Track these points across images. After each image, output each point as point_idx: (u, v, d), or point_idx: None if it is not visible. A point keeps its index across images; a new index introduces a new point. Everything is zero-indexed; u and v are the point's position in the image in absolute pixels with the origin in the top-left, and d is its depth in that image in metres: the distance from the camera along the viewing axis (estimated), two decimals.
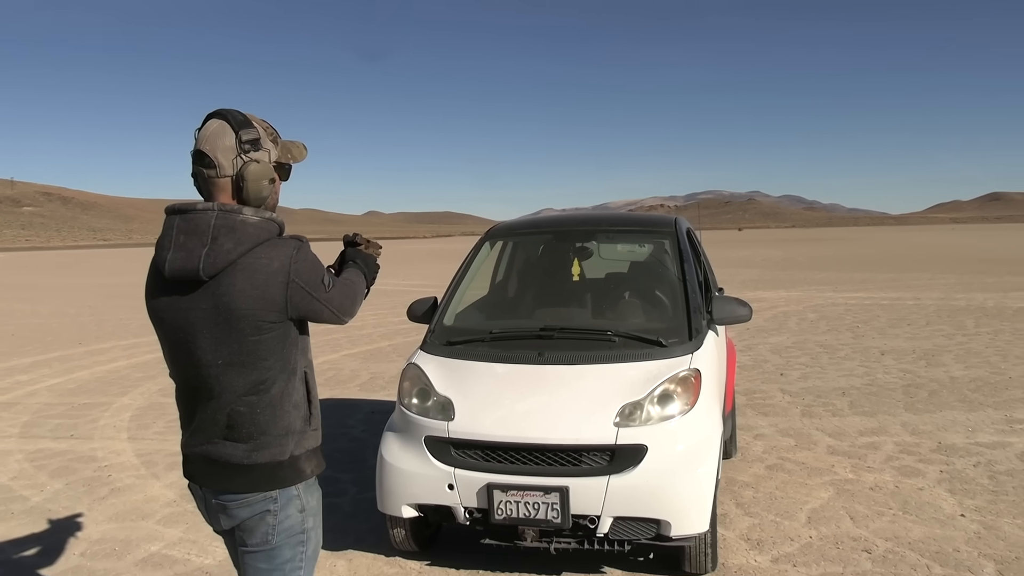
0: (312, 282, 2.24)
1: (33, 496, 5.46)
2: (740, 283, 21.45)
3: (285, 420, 2.27)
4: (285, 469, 2.28)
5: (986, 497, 4.92)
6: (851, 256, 38.18)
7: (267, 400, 2.24)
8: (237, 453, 2.25)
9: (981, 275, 22.46)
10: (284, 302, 2.19)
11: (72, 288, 28.72)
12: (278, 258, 2.18)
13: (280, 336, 2.23)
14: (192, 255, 2.14)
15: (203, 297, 2.17)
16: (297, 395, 2.31)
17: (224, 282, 2.14)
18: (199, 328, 2.19)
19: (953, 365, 9.16)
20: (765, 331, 12.33)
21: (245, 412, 2.23)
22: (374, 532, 4.59)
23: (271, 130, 2.32)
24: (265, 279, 2.16)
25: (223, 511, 2.32)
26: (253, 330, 2.17)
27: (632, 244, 5.68)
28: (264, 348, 2.20)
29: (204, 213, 2.18)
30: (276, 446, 2.26)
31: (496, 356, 4.13)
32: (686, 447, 3.72)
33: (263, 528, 2.30)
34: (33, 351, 12.44)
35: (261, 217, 2.22)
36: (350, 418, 7.41)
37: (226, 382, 2.22)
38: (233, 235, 2.15)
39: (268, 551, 2.32)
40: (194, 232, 2.16)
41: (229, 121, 2.22)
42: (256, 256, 2.16)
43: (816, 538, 4.39)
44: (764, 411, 7.23)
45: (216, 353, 2.20)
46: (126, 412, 7.95)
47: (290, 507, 2.31)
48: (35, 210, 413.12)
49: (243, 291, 2.14)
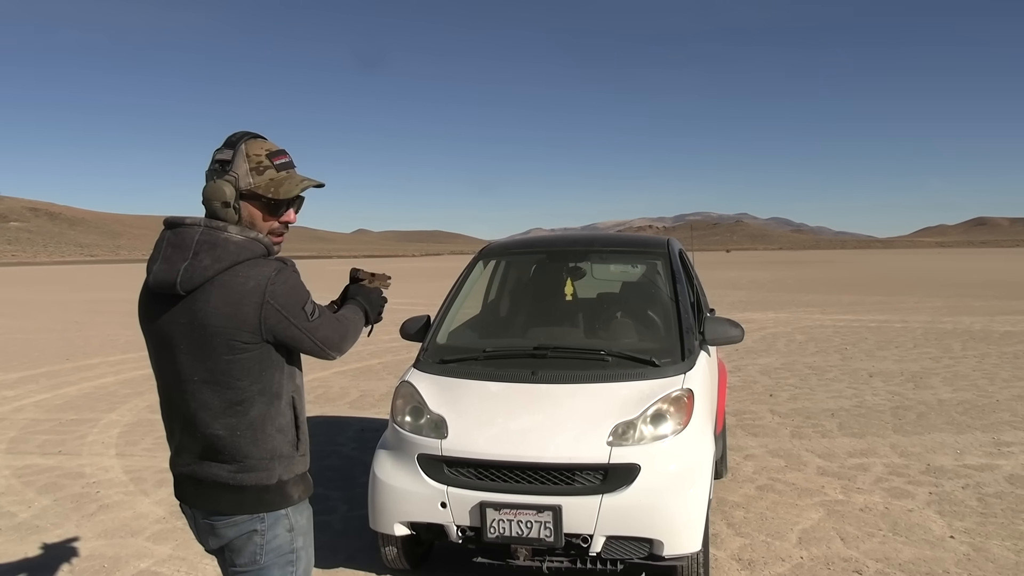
0: (290, 306, 2.19)
1: (21, 512, 5.42)
2: (729, 304, 21.53)
3: (269, 444, 2.25)
4: (272, 493, 2.27)
5: (975, 519, 4.95)
6: (838, 279, 38.39)
7: (246, 423, 2.21)
8: (223, 474, 2.24)
9: (967, 299, 22.63)
10: (258, 323, 2.15)
11: (59, 304, 28.54)
12: (255, 278, 2.15)
13: (257, 358, 2.19)
14: (173, 268, 2.15)
15: (182, 312, 2.17)
16: (283, 420, 2.28)
17: (200, 298, 2.14)
18: (178, 343, 2.19)
19: (941, 388, 9.22)
20: (754, 352, 12.38)
21: (224, 436, 2.21)
22: (365, 550, 4.57)
23: (267, 160, 2.26)
24: (239, 298, 2.13)
25: (211, 531, 2.32)
26: (226, 349, 2.15)
27: (625, 264, 5.71)
28: (238, 369, 2.18)
29: (191, 228, 2.19)
30: (263, 470, 2.25)
31: (490, 375, 4.14)
32: (679, 467, 3.74)
33: (251, 548, 2.28)
34: (20, 366, 12.35)
35: (246, 236, 2.20)
36: (340, 436, 7.39)
37: (202, 400, 2.20)
38: (213, 251, 2.14)
39: (256, 571, 2.30)
40: (179, 246, 2.17)
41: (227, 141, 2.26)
42: (234, 274, 2.14)
43: (807, 559, 4.41)
44: (754, 432, 7.26)
45: (193, 369, 2.19)
46: (114, 428, 7.90)
47: (278, 527, 2.30)
48: (22, 225, 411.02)
49: (217, 308, 2.12)
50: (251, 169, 2.23)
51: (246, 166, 2.22)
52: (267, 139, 2.32)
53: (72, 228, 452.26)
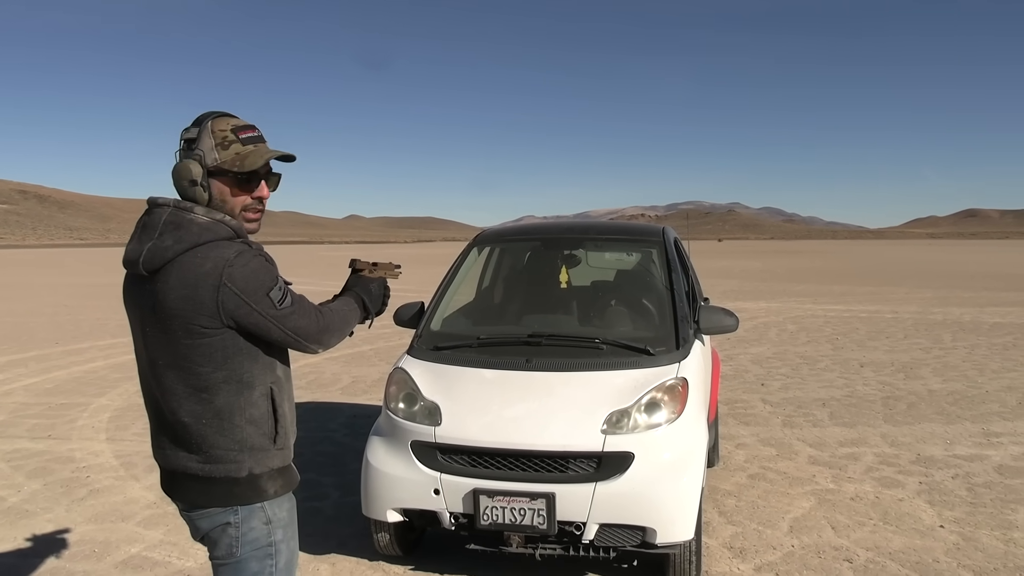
0: (250, 291, 2.10)
1: (10, 496, 5.39)
2: (720, 293, 21.57)
3: (238, 435, 2.18)
4: (242, 487, 2.21)
5: (965, 509, 4.98)
6: (830, 269, 38.52)
7: (212, 411, 2.15)
8: (192, 464, 2.20)
9: (957, 290, 22.75)
10: (216, 307, 2.07)
11: (48, 287, 28.39)
12: (212, 259, 2.08)
13: (219, 344, 2.12)
14: (139, 248, 2.13)
15: (147, 293, 2.13)
16: (255, 411, 2.20)
17: (161, 279, 2.09)
18: (145, 324, 2.17)
19: (931, 378, 9.26)
20: (746, 341, 12.41)
21: (190, 423, 2.17)
22: (357, 536, 4.57)
23: (232, 135, 2.20)
24: (196, 279, 2.06)
25: (189, 521, 2.31)
26: (184, 333, 2.09)
27: (620, 252, 5.70)
28: (198, 354, 2.11)
29: (161, 208, 2.17)
30: (231, 462, 2.19)
31: (484, 362, 4.13)
32: (672, 455, 3.74)
33: (226, 541, 2.25)
34: (9, 350, 12.28)
35: (211, 218, 2.16)
36: (331, 422, 7.37)
37: (168, 384, 2.17)
38: (176, 232, 2.10)
39: (234, 564, 2.27)
40: (149, 226, 2.16)
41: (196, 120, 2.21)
42: (193, 255, 2.08)
43: (798, 547, 4.43)
44: (746, 421, 7.28)
45: (158, 352, 2.16)
46: (104, 413, 7.87)
47: (253, 519, 2.24)
48: (10, 208, 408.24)
49: (174, 289, 2.07)
50: (216, 145, 2.17)
51: (211, 142, 2.17)
52: (236, 116, 2.26)
53: (61, 211, 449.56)
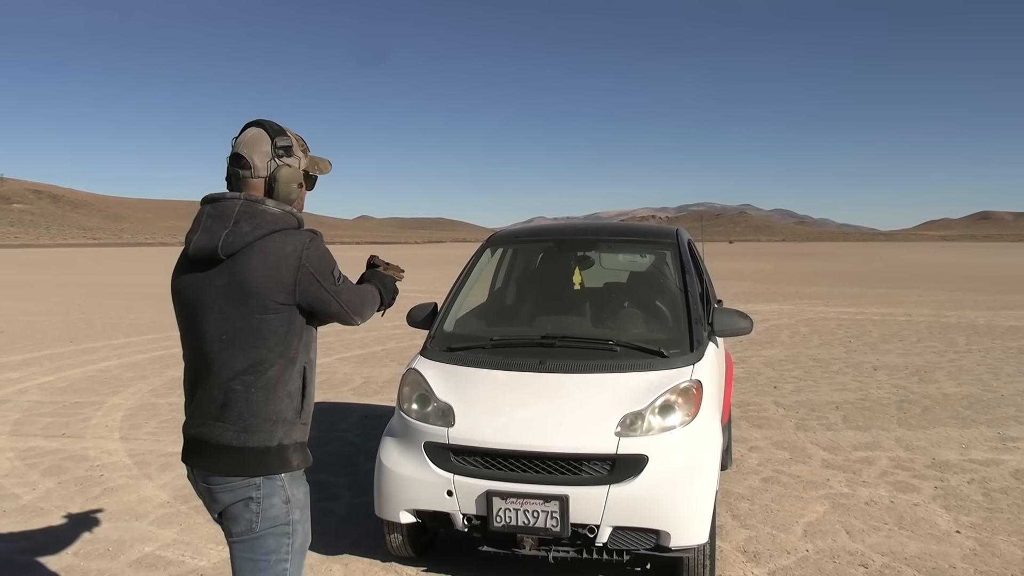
0: (322, 270, 2.40)
1: (25, 494, 5.42)
2: (732, 295, 21.50)
3: (277, 405, 2.37)
4: (272, 456, 2.37)
5: (981, 514, 4.94)
6: (842, 271, 38.34)
7: (263, 382, 2.35)
8: (227, 435, 2.35)
9: (971, 293, 22.59)
10: (293, 285, 2.34)
11: (62, 286, 28.57)
12: (291, 243, 2.36)
13: (285, 320, 2.37)
14: (214, 236, 2.34)
15: (219, 274, 2.35)
16: (292, 385, 2.41)
17: (240, 260, 2.32)
18: (209, 303, 2.36)
19: (945, 382, 9.20)
20: (758, 344, 12.36)
21: (240, 391, 2.34)
22: (370, 536, 4.57)
23: (302, 142, 2.56)
24: (278, 260, 2.33)
25: (210, 495, 2.42)
26: (260, 308, 2.32)
27: (634, 254, 5.68)
28: (267, 327, 2.34)
29: (231, 201, 2.40)
30: (265, 431, 2.36)
31: (497, 363, 4.12)
32: (686, 458, 3.72)
33: (247, 516, 2.36)
34: (24, 348, 12.36)
35: (282, 209, 2.42)
36: (343, 422, 7.39)
37: (227, 358, 2.35)
38: (253, 220, 2.35)
39: (252, 540, 2.38)
40: (220, 217, 2.37)
41: (266, 129, 2.47)
42: (272, 240, 2.35)
43: (812, 552, 4.40)
44: (758, 423, 7.25)
45: (221, 328, 2.35)
46: (118, 412, 7.91)
47: (274, 496, 2.38)
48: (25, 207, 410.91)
49: (256, 269, 2.31)
50: (303, 152, 2.54)
51: (299, 149, 2.52)
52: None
53: (75, 211, 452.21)
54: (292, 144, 2.49)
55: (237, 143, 2.47)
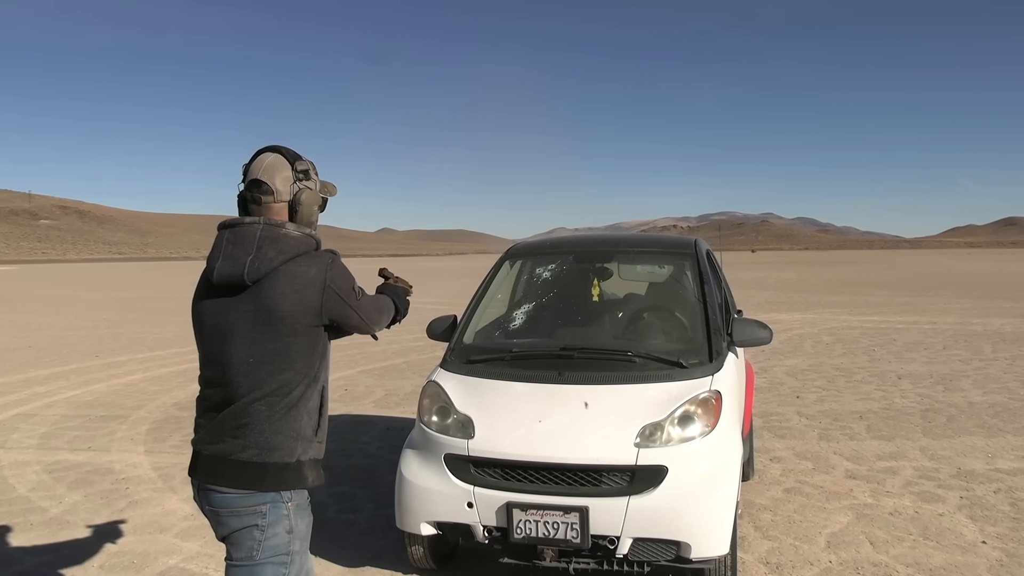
0: (345, 289, 2.50)
1: (52, 508, 5.49)
2: (754, 305, 21.38)
3: (297, 423, 2.45)
4: (291, 471, 2.44)
5: (1008, 524, 4.87)
6: (866, 279, 38.00)
7: (287, 401, 2.42)
8: (248, 452, 2.40)
9: (997, 300, 22.32)
10: (320, 306, 2.44)
11: (88, 301, 28.92)
12: (315, 266, 2.46)
13: (310, 342, 2.45)
14: (238, 262, 2.39)
15: (246, 300, 2.41)
16: (312, 404, 2.49)
17: (266, 286, 2.39)
18: (237, 328, 2.42)
19: (971, 390, 9.09)
20: (780, 353, 12.28)
21: (264, 410, 2.40)
22: (391, 548, 4.58)
23: (314, 168, 2.64)
24: (304, 284, 2.41)
25: (216, 518, 2.46)
26: (289, 331, 2.40)
27: (652, 265, 5.68)
28: (295, 350, 2.42)
29: (251, 226, 2.45)
30: (286, 448, 2.42)
31: (516, 375, 4.13)
32: (706, 469, 3.71)
33: (249, 543, 2.42)
34: (50, 363, 12.52)
35: (302, 232, 2.50)
36: (365, 435, 7.41)
37: (254, 380, 2.40)
38: (276, 245, 2.42)
39: (251, 567, 2.43)
40: (241, 243, 2.43)
41: (284, 154, 2.54)
42: (296, 264, 2.43)
43: (836, 563, 4.36)
44: (781, 434, 7.20)
45: (249, 352, 2.40)
46: (143, 425, 7.99)
47: (278, 525, 2.43)
48: (52, 223, 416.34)
49: (284, 294, 2.38)
50: (316, 175, 2.62)
51: (314, 173, 2.61)
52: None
53: (101, 226, 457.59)
54: (309, 168, 2.59)
55: (253, 169, 2.52)
